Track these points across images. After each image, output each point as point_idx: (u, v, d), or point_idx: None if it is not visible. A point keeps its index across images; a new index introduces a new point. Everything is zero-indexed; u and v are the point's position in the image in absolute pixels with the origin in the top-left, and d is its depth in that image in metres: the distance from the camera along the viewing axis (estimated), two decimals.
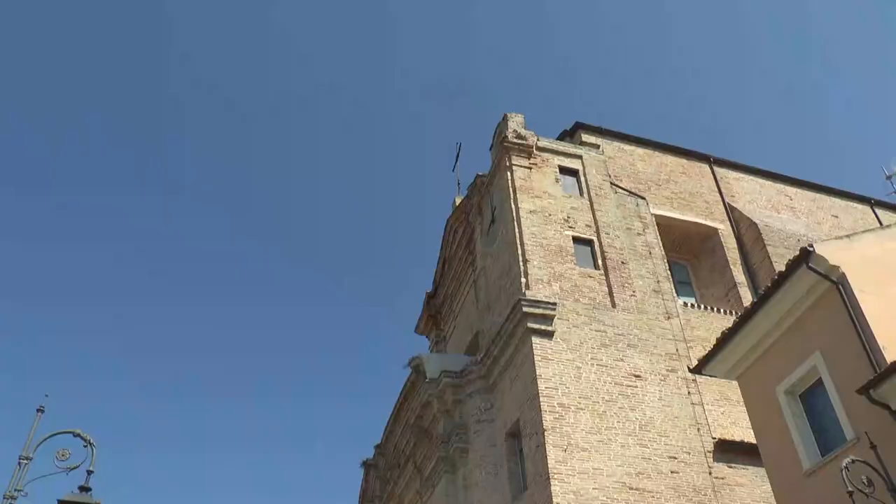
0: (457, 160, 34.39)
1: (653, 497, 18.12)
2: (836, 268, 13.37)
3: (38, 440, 10.16)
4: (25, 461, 9.85)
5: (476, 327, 26.90)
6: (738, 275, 26.48)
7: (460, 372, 23.02)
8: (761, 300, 14.83)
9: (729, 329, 15.83)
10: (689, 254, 28.30)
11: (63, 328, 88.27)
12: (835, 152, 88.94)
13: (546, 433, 18.31)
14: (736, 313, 21.41)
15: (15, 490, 9.65)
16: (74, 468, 10.03)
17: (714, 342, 16.48)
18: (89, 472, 10.12)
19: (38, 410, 10.47)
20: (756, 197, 30.20)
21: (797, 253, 13.87)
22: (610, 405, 19.51)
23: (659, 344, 21.45)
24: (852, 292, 13.08)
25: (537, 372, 19.46)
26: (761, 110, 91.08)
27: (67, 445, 10.23)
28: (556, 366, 19.81)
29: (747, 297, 24.79)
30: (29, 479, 9.95)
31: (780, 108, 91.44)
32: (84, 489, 9.99)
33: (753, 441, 16.57)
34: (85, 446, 10.21)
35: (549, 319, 20.50)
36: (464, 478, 21.81)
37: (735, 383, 17.19)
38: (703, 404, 20.51)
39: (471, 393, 22.70)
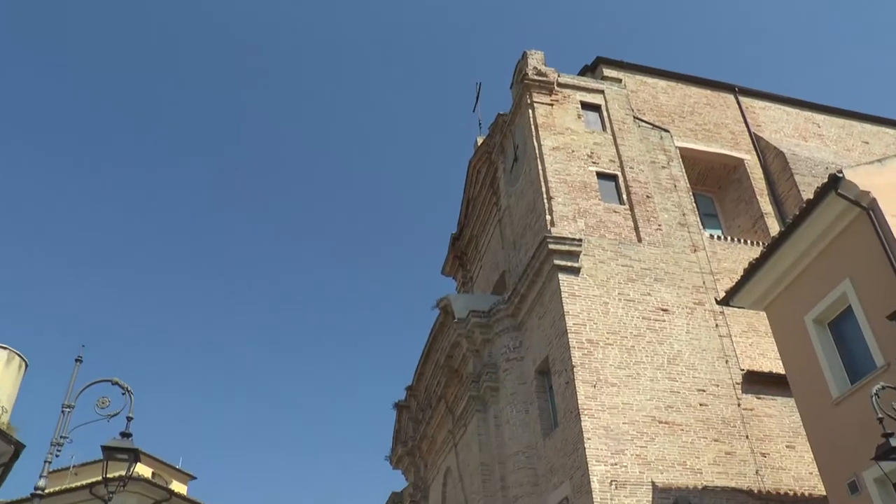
0: (477, 100, 34.10)
1: (682, 430, 18.26)
2: (866, 193, 13.12)
3: (79, 389, 10.47)
4: (68, 409, 10.17)
5: (502, 266, 26.94)
6: (765, 205, 26.17)
7: (488, 311, 23.14)
8: (789, 229, 14.63)
9: (756, 259, 15.68)
10: (714, 186, 27.99)
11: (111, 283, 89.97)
12: (864, 77, 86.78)
13: (575, 369, 18.43)
14: (763, 244, 21.20)
15: (61, 437, 10.00)
16: (114, 415, 10.36)
17: (741, 273, 16.40)
18: (129, 419, 10.44)
19: (76, 360, 10.75)
20: (783, 126, 29.64)
21: (825, 181, 13.63)
22: (638, 340, 19.56)
23: (686, 277, 21.37)
24: (883, 217, 12.84)
25: (565, 308, 19.49)
26: (786, 36, 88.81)
27: (107, 394, 10.55)
28: (583, 302, 19.83)
29: (774, 228, 24.53)
30: (72, 426, 10.29)
31: (806, 33, 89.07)
32: (125, 435, 10.31)
33: (782, 372, 16.60)
34: (123, 394, 10.51)
35: (575, 256, 20.47)
36: (495, 416, 22.10)
37: (763, 314, 17.14)
38: (730, 336, 20.50)
39: (499, 332, 22.86)
